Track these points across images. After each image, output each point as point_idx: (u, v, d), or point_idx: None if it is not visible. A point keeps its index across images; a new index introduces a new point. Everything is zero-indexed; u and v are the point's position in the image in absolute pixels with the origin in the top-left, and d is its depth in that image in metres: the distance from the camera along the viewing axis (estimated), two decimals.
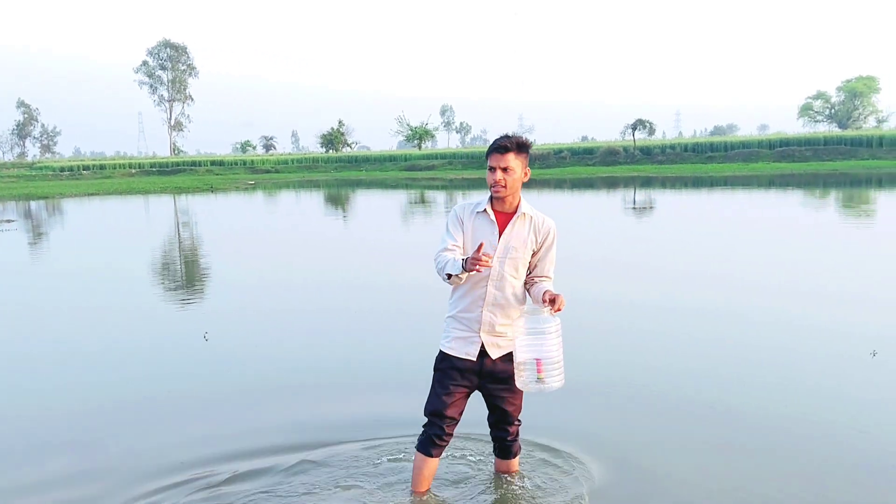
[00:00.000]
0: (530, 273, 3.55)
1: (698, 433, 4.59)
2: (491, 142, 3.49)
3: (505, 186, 3.41)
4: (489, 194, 3.53)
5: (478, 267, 3.19)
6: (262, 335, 7.52)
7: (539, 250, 3.52)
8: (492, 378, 3.54)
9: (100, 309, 9.06)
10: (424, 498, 3.69)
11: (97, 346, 7.22)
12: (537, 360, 3.28)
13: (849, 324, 7.30)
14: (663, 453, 4.30)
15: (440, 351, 3.61)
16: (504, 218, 3.49)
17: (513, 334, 3.49)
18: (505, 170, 3.40)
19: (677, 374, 5.78)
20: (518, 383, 3.39)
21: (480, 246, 3.22)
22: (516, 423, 3.70)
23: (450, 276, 3.33)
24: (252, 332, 7.65)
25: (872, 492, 3.78)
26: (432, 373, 3.63)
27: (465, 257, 3.33)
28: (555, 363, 3.31)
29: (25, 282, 11.59)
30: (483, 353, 3.50)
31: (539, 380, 3.30)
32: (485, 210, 3.48)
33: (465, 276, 3.32)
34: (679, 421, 4.80)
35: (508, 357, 3.52)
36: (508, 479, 3.86)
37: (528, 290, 3.55)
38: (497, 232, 3.45)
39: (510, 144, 3.41)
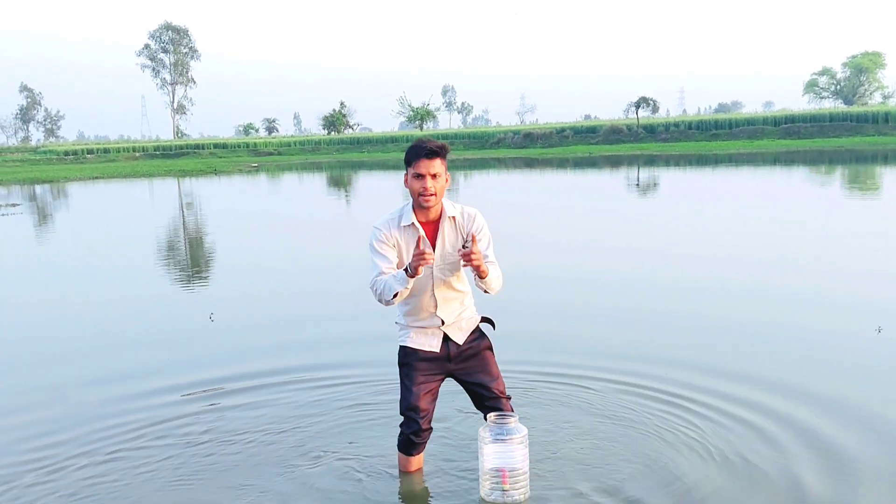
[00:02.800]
0: None
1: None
2: (412, 146, 3.33)
3: (434, 194, 3.27)
4: (407, 204, 3.39)
5: (422, 263, 3.11)
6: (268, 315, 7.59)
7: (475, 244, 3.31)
8: (460, 358, 3.52)
9: (101, 296, 9.15)
10: (412, 479, 3.69)
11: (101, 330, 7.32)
12: (502, 470, 3.22)
13: (854, 299, 7.32)
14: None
15: (401, 347, 3.55)
16: (431, 227, 3.37)
17: (468, 314, 3.52)
18: (434, 176, 3.26)
19: (672, 347, 5.82)
20: (482, 492, 3.33)
21: (418, 242, 3.15)
22: (504, 396, 3.55)
23: (396, 294, 3.24)
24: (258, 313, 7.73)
25: None
26: (398, 370, 3.58)
27: (403, 267, 3.23)
28: (520, 474, 3.26)
29: (32, 265, 11.68)
30: (446, 339, 3.49)
31: (504, 491, 3.25)
32: (412, 224, 3.35)
33: (411, 283, 3.23)
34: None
35: (470, 337, 3.53)
36: None
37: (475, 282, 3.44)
38: (429, 244, 3.33)
39: (438, 149, 3.27)
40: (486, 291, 3.41)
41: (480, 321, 3.62)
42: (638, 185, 24.12)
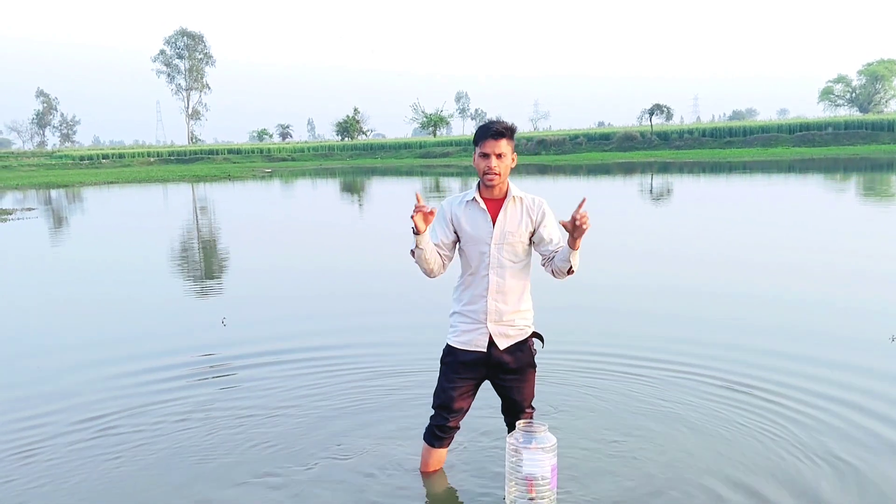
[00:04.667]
0: (544, 251, 3.46)
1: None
2: (481, 126, 3.41)
3: (499, 174, 3.35)
4: (476, 183, 3.48)
5: (416, 211, 3.23)
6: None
7: (538, 228, 3.44)
8: (501, 369, 3.51)
9: (110, 296, 9.20)
10: (433, 479, 3.73)
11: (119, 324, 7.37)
12: (529, 478, 3.20)
13: (868, 307, 7.26)
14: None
15: (447, 344, 3.59)
16: (495, 204, 3.44)
17: (521, 323, 3.51)
18: (499, 156, 3.34)
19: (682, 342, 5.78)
20: (507, 500, 3.32)
21: (417, 196, 3.28)
22: (528, 409, 3.64)
23: (413, 252, 3.37)
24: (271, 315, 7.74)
25: None
26: (439, 365, 3.63)
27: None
28: (547, 483, 3.23)
29: (45, 269, 11.76)
30: (491, 342, 3.47)
31: (530, 499, 3.23)
32: (474, 199, 3.43)
33: (421, 242, 3.31)
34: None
35: (517, 346, 3.51)
36: None
37: (549, 267, 3.47)
38: (490, 220, 3.41)
39: (505, 130, 3.35)
40: (567, 272, 3.38)
41: (531, 336, 3.59)
42: (662, 193, 24.01)
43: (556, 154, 55.73)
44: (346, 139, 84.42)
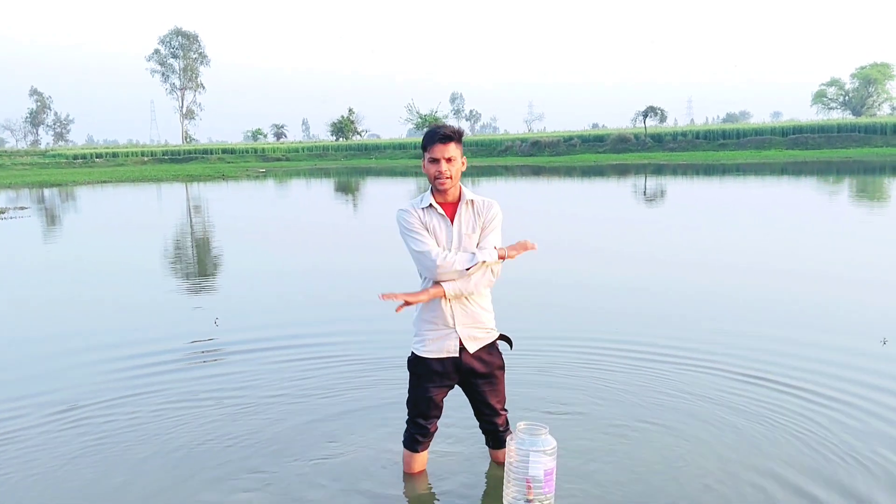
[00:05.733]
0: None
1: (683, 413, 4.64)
2: (427, 131, 3.43)
3: (450, 177, 3.37)
4: (427, 190, 3.50)
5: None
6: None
7: (483, 227, 3.45)
8: (472, 373, 3.53)
9: (104, 296, 9.19)
10: (416, 483, 3.72)
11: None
12: (528, 480, 3.21)
13: (859, 311, 7.31)
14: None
15: (413, 354, 3.56)
16: (450, 209, 3.46)
17: (488, 323, 3.53)
18: (449, 160, 3.35)
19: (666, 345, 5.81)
20: (504, 502, 3.33)
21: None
22: (503, 412, 3.67)
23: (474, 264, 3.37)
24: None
25: None
26: (408, 373, 3.62)
27: (496, 251, 3.39)
28: (546, 486, 3.25)
29: (39, 268, 11.73)
30: (462, 347, 3.47)
31: (528, 502, 3.23)
32: (430, 205, 3.43)
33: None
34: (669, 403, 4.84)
35: (485, 350, 3.53)
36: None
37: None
38: (449, 224, 3.43)
39: (452, 133, 3.36)
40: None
41: (498, 338, 3.62)
42: (656, 195, 24.07)
43: (550, 156, 55.80)
44: (341, 139, 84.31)
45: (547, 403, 4.77)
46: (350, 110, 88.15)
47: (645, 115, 62.81)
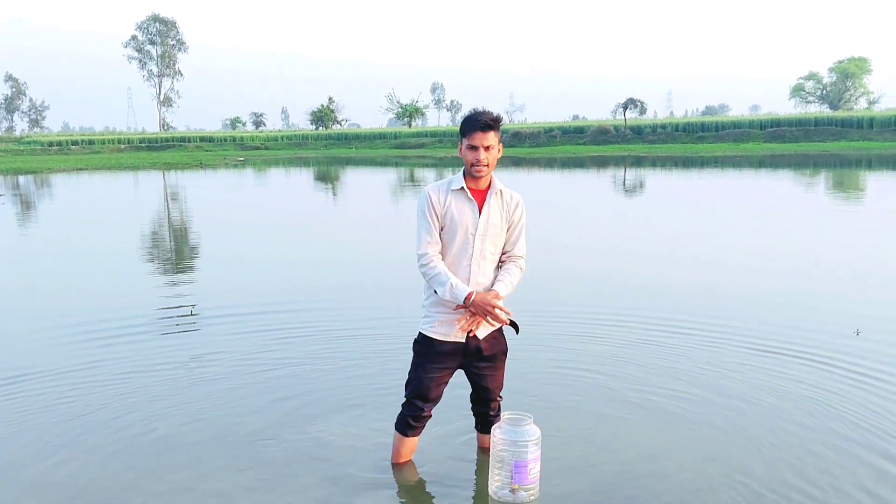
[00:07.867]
0: (504, 251, 3.53)
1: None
2: (468, 117, 3.39)
3: (487, 165, 3.36)
4: (461, 171, 3.48)
5: (473, 322, 3.37)
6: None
7: (510, 226, 3.49)
8: (477, 356, 3.54)
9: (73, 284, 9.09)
10: (404, 470, 3.72)
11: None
12: (512, 469, 3.25)
13: (834, 302, 7.40)
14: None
15: (421, 334, 3.55)
16: (480, 195, 3.44)
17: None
18: (487, 148, 3.34)
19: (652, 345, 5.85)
20: (490, 490, 3.35)
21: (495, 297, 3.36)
22: (498, 398, 3.71)
23: (436, 292, 3.39)
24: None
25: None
26: (412, 353, 3.61)
27: (469, 290, 3.33)
28: (531, 473, 3.28)
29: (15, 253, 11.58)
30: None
31: (512, 491, 3.26)
32: (462, 188, 3.42)
33: (454, 304, 3.38)
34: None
35: (492, 334, 3.54)
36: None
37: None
38: (476, 210, 3.41)
39: (493, 122, 3.34)
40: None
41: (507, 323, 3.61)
42: (636, 186, 24.17)
43: (531, 147, 55.81)
44: (321, 128, 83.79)
45: (528, 397, 4.76)
46: (330, 99, 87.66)
47: (625, 107, 63.00)
